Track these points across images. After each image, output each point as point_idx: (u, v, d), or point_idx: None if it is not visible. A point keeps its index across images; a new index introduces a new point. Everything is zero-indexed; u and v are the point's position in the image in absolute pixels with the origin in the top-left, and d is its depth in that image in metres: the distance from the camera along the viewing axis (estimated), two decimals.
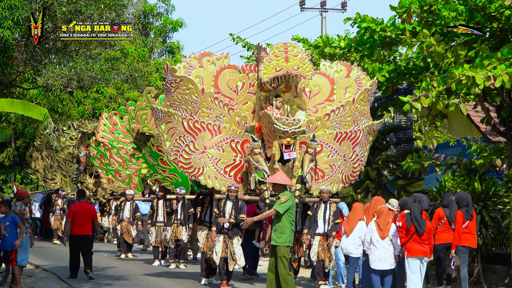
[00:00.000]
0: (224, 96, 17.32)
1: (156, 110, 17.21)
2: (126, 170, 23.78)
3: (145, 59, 43.53)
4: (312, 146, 16.94)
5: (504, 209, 17.29)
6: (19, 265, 16.41)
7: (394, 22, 18.95)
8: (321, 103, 17.99)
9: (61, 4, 19.40)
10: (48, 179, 32.99)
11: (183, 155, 17.12)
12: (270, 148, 16.89)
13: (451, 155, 21.93)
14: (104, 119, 25.12)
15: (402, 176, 23.56)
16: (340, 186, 18.07)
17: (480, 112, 21.67)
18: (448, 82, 15.94)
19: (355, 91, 17.85)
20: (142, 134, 22.26)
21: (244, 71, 17.64)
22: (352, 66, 18.30)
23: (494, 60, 15.88)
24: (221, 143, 17.30)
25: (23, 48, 21.63)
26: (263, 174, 16.72)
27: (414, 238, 14.54)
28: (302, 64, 16.91)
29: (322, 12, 41.10)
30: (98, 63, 26.13)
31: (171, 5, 46.92)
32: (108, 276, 18.87)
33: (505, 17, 17.05)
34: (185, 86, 16.82)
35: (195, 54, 17.45)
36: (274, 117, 16.50)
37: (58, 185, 32.44)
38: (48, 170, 32.94)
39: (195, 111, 17.01)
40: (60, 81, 24.79)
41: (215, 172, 17.26)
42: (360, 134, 17.89)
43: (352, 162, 17.98)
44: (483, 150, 19.57)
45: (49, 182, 33.03)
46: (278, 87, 17.36)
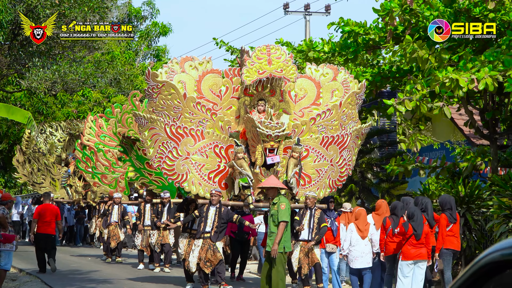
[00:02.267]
0: (207, 101, 17.19)
1: (138, 116, 17.02)
2: (113, 174, 23.72)
3: (130, 62, 43.46)
4: (296, 150, 16.81)
5: (488, 212, 17.36)
6: (2, 269, 16.35)
7: (378, 25, 19.00)
8: (307, 107, 17.88)
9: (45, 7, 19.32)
10: (36, 183, 32.59)
11: (166, 161, 16.96)
12: (254, 153, 16.80)
13: (435, 158, 22.00)
14: (89, 121, 25.04)
15: (386, 179, 23.64)
16: (327, 192, 17.98)
17: (463, 115, 21.76)
18: (432, 85, 15.99)
19: (342, 95, 17.75)
20: (128, 137, 22.20)
21: (227, 75, 17.50)
22: (339, 69, 18.22)
23: (477, 63, 15.94)
24: (204, 149, 17.15)
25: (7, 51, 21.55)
26: (247, 179, 16.62)
27: (410, 241, 14.55)
28: (286, 66, 16.83)
29: (306, 15, 41.16)
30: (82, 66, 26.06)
31: (155, 8, 46.89)
32: (92, 279, 18.84)
33: (489, 19, 17.13)
34: (167, 92, 16.65)
35: (177, 59, 17.33)
36: (257, 121, 16.44)
37: (47, 189, 32.01)
38: (35, 174, 32.58)
39: (178, 116, 16.85)
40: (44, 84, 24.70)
41: (199, 178, 17.11)
42: (348, 138, 17.78)
43: (340, 167, 17.87)
44: (467, 153, 19.65)
45: (37, 186, 32.60)
46: (262, 91, 17.27)
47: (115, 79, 31.18)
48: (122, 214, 24.31)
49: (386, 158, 24.01)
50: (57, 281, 18.40)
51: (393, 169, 19.40)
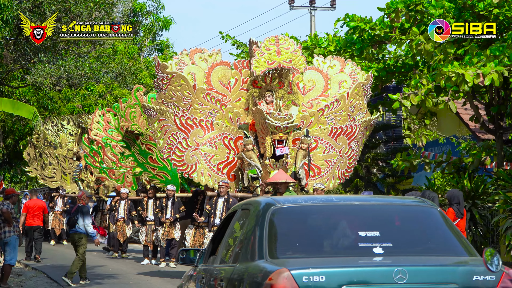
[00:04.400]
0: (216, 92, 17.27)
1: (148, 108, 17.14)
2: (120, 169, 23.67)
3: (135, 57, 43.45)
4: (305, 141, 16.91)
5: (493, 206, 17.35)
6: (8, 264, 16.39)
7: (383, 21, 18.97)
8: (316, 98, 17.93)
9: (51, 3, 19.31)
10: (47, 177, 32.38)
11: (176, 152, 17.07)
12: (263, 145, 16.85)
13: (440, 153, 21.97)
14: (97, 116, 25.00)
15: (392, 174, 23.62)
16: (337, 182, 18.06)
17: (469, 109, 21.72)
18: (438, 79, 15.97)
19: (350, 86, 17.82)
20: (131, 132, 22.17)
21: (236, 67, 17.60)
22: (346, 60, 18.27)
23: (483, 57, 15.92)
24: (214, 140, 17.25)
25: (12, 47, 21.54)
26: (256, 170, 16.68)
27: None
28: (295, 57, 16.91)
29: (311, 10, 41.06)
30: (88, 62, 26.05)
31: (160, 3, 46.84)
32: (98, 274, 18.85)
33: (493, 15, 17.09)
34: (177, 83, 16.77)
35: (187, 51, 17.39)
36: (266, 112, 16.48)
37: (58, 183, 31.82)
38: (46, 167, 32.36)
39: (187, 107, 16.96)
40: (49, 79, 24.69)
41: (208, 169, 17.21)
42: (357, 129, 17.85)
43: (348, 158, 17.97)
44: (472, 148, 19.62)
45: (48, 180, 32.40)
46: (271, 83, 17.34)
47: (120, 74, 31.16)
48: (129, 210, 24.23)
49: (391, 153, 24.00)
50: (62, 275, 18.42)
51: (398, 164, 19.39)
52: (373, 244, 6.47)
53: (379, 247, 6.43)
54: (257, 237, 6.60)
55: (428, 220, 7.03)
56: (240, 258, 6.80)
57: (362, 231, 6.62)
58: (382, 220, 6.95)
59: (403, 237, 6.84)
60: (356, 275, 6.03)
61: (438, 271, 6.12)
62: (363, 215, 7.01)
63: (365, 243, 6.51)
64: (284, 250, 6.51)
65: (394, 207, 7.36)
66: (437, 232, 6.88)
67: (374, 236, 6.57)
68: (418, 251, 6.63)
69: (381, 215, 7.06)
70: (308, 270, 5.96)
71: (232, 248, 7.31)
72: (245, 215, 7.28)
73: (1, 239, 16.52)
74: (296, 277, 5.89)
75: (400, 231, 6.95)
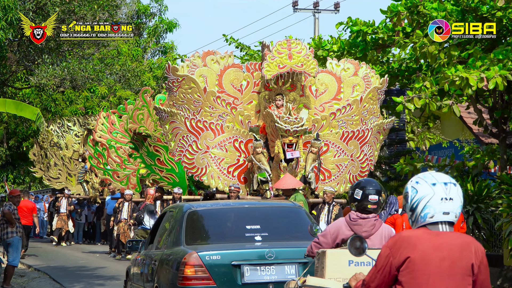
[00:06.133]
0: (228, 95, 17.29)
1: (159, 110, 17.23)
2: (124, 170, 23.70)
3: (138, 59, 43.48)
4: (315, 145, 16.92)
5: (497, 210, 17.30)
6: (11, 265, 16.40)
7: (386, 25, 18.95)
8: (328, 101, 17.92)
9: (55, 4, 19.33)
10: (53, 178, 32.35)
11: (187, 155, 17.15)
12: (273, 148, 16.87)
13: (444, 156, 21.94)
14: (101, 118, 25.03)
15: (395, 177, 23.58)
16: (348, 187, 18.04)
17: (472, 113, 21.69)
18: (441, 83, 15.94)
19: (363, 90, 17.81)
20: (139, 134, 22.21)
21: (248, 70, 17.62)
22: (360, 64, 18.24)
23: (487, 61, 15.89)
24: (224, 143, 17.28)
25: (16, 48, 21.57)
26: (265, 173, 16.69)
27: None
28: (306, 61, 16.92)
29: (315, 13, 41.08)
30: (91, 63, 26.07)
31: (164, 5, 46.89)
32: (100, 276, 18.87)
33: (497, 18, 17.06)
34: (187, 85, 16.82)
35: (199, 53, 17.41)
36: (276, 116, 16.50)
37: (63, 184, 31.81)
38: (52, 168, 32.32)
39: (198, 110, 17.00)
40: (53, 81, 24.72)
41: (218, 172, 17.23)
42: (369, 133, 17.84)
43: (360, 162, 17.95)
44: (476, 152, 19.58)
45: (53, 181, 32.37)
46: (283, 86, 17.33)
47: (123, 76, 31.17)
48: (132, 211, 24.19)
49: (394, 156, 23.96)
50: (65, 277, 18.46)
51: (402, 167, 19.36)
52: (255, 234, 9.69)
53: (259, 235, 9.67)
54: (178, 231, 9.88)
55: (296, 217, 10.31)
56: (167, 245, 10.12)
57: (248, 225, 9.90)
58: (263, 217, 10.23)
59: (276, 228, 10.11)
60: (241, 255, 9.26)
61: (294, 251, 9.23)
62: (249, 214, 10.29)
63: (250, 233, 9.73)
64: (195, 239, 9.76)
65: (272, 208, 10.93)
66: (301, 224, 9.62)
67: (256, 228, 9.81)
68: (286, 238, 9.83)
69: (262, 214, 10.39)
70: (209, 252, 9.21)
71: (162, 238, 10.56)
72: (171, 215, 10.65)
73: (3, 240, 16.54)
74: (201, 256, 9.10)
75: (275, 224, 10.22)
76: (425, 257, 4.50)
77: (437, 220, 4.63)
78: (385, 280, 4.60)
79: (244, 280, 9.12)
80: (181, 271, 9.11)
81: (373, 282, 4.63)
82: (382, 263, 4.59)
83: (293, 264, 9.20)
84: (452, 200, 4.73)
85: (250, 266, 9.15)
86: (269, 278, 9.15)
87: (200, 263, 9.02)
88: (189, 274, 9.05)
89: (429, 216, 4.65)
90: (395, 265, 4.54)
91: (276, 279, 9.11)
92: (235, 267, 9.12)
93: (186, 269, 9.06)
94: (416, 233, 4.60)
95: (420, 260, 4.50)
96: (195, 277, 9.05)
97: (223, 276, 9.10)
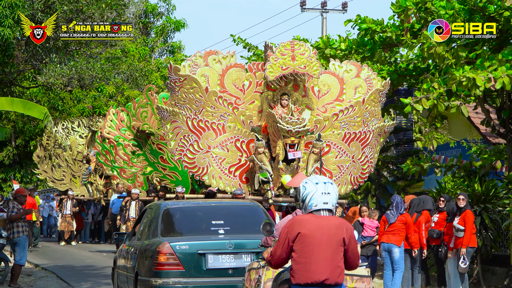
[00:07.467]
0: (230, 95, 17.26)
1: (161, 109, 17.22)
2: (131, 168, 23.70)
3: (146, 58, 43.53)
4: (317, 146, 16.91)
5: (504, 210, 17.28)
6: (18, 264, 16.43)
7: (394, 24, 18.92)
8: (330, 102, 17.90)
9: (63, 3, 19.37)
10: (57, 180, 32.30)
11: (188, 154, 17.12)
12: (275, 148, 16.86)
13: (451, 156, 21.92)
14: (111, 114, 25.02)
15: (402, 177, 23.55)
16: (349, 188, 18.03)
17: (480, 113, 21.65)
18: (449, 84, 15.93)
19: (365, 91, 17.79)
20: (143, 131, 22.19)
21: (251, 70, 17.57)
22: (362, 65, 18.23)
23: (494, 61, 15.86)
24: (225, 143, 17.26)
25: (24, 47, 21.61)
26: (267, 174, 16.69)
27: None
28: (309, 63, 16.87)
29: (322, 12, 41.07)
30: (99, 62, 26.11)
31: (172, 4, 46.95)
32: (107, 275, 18.88)
33: (504, 18, 17.02)
34: (189, 85, 16.79)
35: (200, 53, 17.37)
36: (278, 116, 16.49)
37: (67, 186, 31.76)
38: (56, 170, 32.28)
39: (199, 110, 16.98)
40: (60, 80, 24.76)
41: (220, 172, 17.22)
42: (370, 135, 17.83)
43: (361, 164, 17.95)
44: (483, 152, 19.55)
45: (58, 183, 32.32)
46: (285, 86, 17.32)
47: (131, 75, 31.19)
48: (139, 210, 24.13)
49: (402, 156, 23.93)
50: (72, 276, 18.49)
51: (409, 168, 19.34)
52: (218, 228, 11.69)
53: (222, 229, 11.66)
54: (156, 225, 11.87)
55: (255, 214, 12.13)
56: (146, 236, 12.11)
57: (213, 221, 11.88)
58: (226, 214, 12.16)
59: (238, 223, 12.01)
60: (206, 245, 11.27)
61: (251, 242, 11.16)
62: (215, 211, 12.29)
63: (214, 227, 11.74)
64: (169, 232, 11.78)
65: (235, 206, 12.93)
66: (258, 220, 10.91)
67: (219, 223, 11.79)
68: (246, 232, 11.64)
69: (226, 211, 12.35)
70: (179, 242, 11.20)
71: (142, 231, 12.48)
72: (150, 211, 12.64)
73: (10, 239, 16.56)
74: (172, 246, 11.08)
75: (236, 220, 12.10)
76: (311, 233, 6.58)
77: (319, 208, 6.69)
78: (285, 249, 6.67)
79: (208, 266, 11.14)
80: (155, 258, 11.08)
81: (277, 251, 6.71)
82: (283, 238, 6.68)
83: (249, 254, 11.22)
84: (329, 194, 6.69)
85: (213, 254, 11.19)
86: (229, 264, 11.20)
87: (172, 252, 11.05)
88: (162, 261, 11.03)
89: (314, 205, 6.69)
90: (291, 238, 6.63)
91: (235, 266, 11.15)
92: (201, 255, 11.15)
93: (160, 257, 11.05)
94: (306, 217, 6.68)
95: (308, 234, 6.58)
96: (167, 263, 11.04)
97: (191, 263, 11.10)
